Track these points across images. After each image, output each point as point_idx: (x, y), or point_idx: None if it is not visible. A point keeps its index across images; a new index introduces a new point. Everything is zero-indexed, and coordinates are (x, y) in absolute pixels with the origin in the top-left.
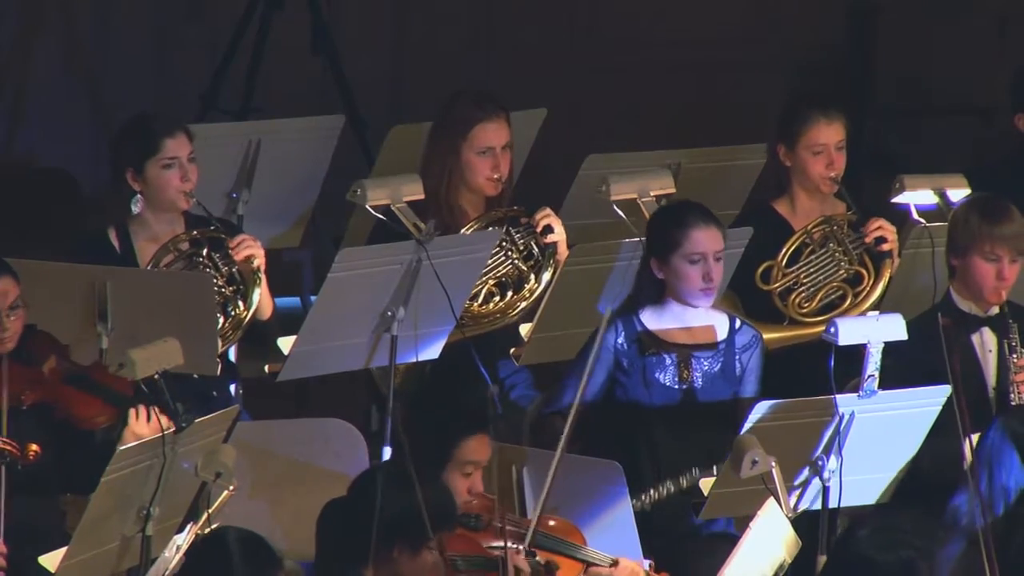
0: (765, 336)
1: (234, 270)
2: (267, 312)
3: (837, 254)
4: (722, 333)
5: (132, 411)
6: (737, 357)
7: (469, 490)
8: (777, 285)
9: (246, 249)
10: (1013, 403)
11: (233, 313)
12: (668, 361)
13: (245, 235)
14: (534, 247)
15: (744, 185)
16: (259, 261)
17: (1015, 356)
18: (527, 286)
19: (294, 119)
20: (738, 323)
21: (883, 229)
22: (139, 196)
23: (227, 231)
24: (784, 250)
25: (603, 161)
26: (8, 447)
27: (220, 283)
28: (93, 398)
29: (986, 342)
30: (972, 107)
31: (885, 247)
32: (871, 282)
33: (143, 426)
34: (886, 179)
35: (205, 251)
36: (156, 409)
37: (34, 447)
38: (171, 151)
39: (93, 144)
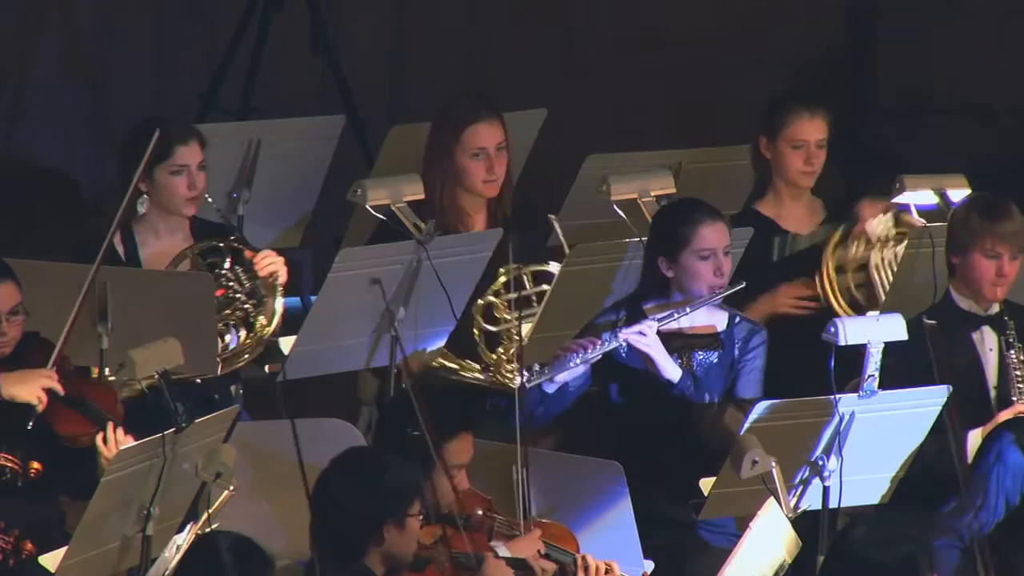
0: None
1: (256, 283)
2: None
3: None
4: (721, 326)
5: (99, 437)
6: (736, 346)
7: (454, 488)
8: None
9: (270, 266)
10: (1015, 399)
11: (255, 328)
12: (668, 348)
13: (269, 251)
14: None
15: (744, 185)
16: (282, 278)
17: (1013, 352)
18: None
19: (294, 119)
20: (738, 318)
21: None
22: (145, 197)
23: (240, 240)
24: None
25: (603, 161)
26: (10, 463)
27: (242, 298)
28: (78, 416)
29: (986, 340)
30: (972, 107)
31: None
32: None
33: (113, 449)
34: (886, 179)
35: (228, 263)
36: (121, 431)
37: (35, 465)
38: (181, 158)
39: (93, 144)
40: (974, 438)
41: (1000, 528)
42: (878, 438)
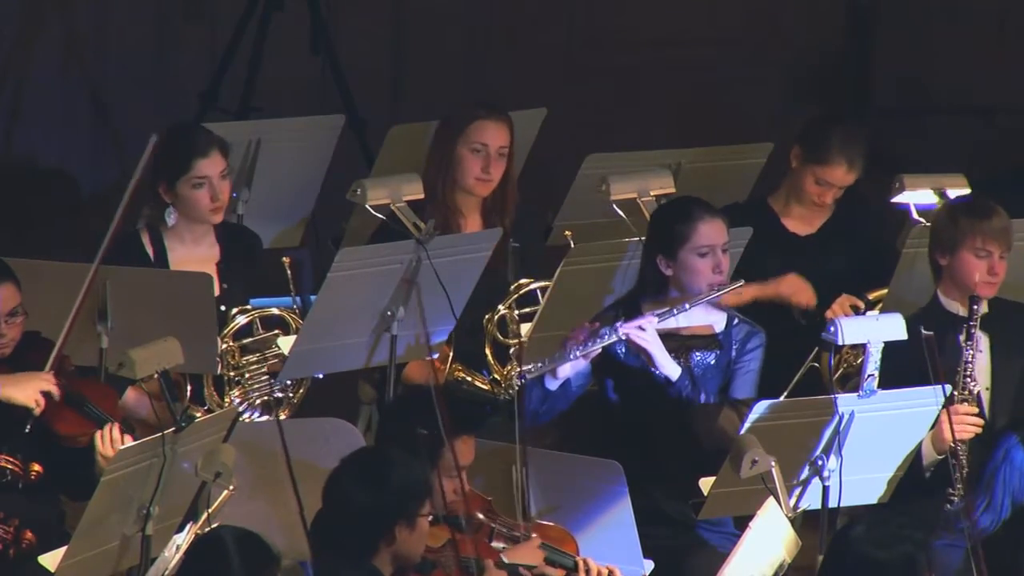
0: None
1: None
2: None
3: None
4: (719, 326)
5: (98, 435)
6: (734, 347)
7: (455, 490)
8: None
9: None
10: (955, 393)
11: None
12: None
13: None
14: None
15: (744, 185)
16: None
17: (956, 392)
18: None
19: (294, 119)
20: (736, 319)
21: None
22: (172, 209)
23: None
24: None
25: (603, 161)
26: (11, 465)
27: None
28: (78, 416)
29: (979, 342)
30: (972, 107)
31: None
32: None
33: (109, 448)
34: (886, 179)
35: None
36: (119, 427)
37: (36, 467)
38: (202, 171)
39: (93, 144)
40: (926, 443)
41: (1006, 527)
42: (878, 438)
